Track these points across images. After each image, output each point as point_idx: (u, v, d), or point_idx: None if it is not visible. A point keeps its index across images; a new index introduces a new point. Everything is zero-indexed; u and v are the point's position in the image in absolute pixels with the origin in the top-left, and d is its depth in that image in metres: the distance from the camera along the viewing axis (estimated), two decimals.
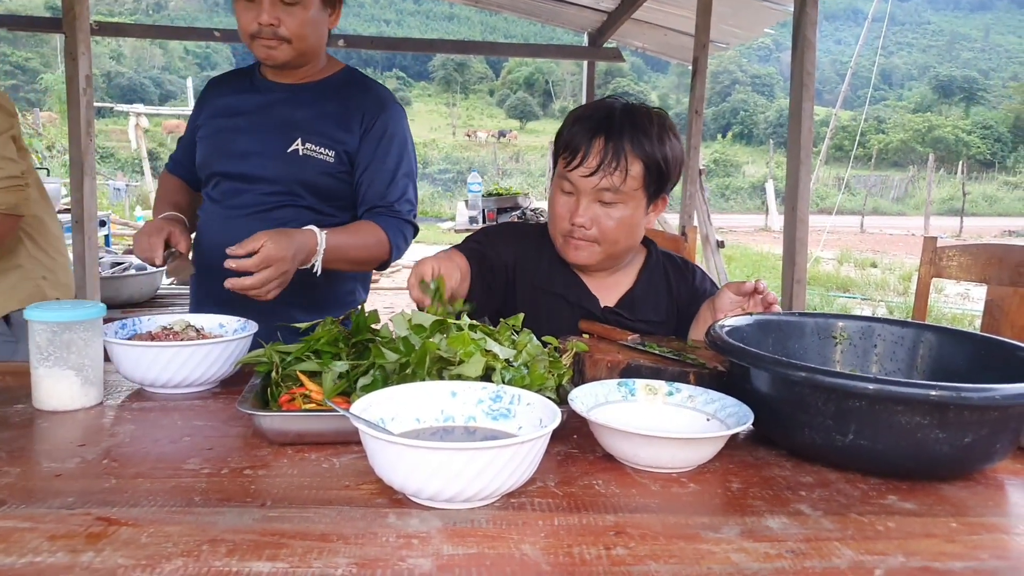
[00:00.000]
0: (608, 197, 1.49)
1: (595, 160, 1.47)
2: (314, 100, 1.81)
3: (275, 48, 1.71)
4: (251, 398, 1.09)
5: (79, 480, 0.94)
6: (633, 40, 6.47)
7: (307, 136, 1.77)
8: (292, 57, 1.75)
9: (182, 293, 4.59)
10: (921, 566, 0.77)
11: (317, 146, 1.77)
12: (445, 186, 24.95)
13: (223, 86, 1.94)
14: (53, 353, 1.19)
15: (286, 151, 1.76)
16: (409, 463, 0.82)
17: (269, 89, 1.84)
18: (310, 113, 1.80)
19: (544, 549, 0.78)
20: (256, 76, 1.87)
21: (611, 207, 1.50)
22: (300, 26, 1.71)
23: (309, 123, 1.78)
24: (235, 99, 1.86)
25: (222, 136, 1.84)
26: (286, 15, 1.69)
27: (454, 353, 1.05)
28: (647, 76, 53.57)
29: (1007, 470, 1.05)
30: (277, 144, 1.77)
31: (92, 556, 0.75)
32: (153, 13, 54.93)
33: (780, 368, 1.01)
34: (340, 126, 1.79)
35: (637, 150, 1.47)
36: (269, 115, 1.80)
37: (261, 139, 1.79)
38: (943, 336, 1.25)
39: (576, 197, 1.51)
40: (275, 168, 1.77)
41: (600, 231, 1.52)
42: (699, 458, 1.00)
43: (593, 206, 1.51)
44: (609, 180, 1.47)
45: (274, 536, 0.79)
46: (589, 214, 1.50)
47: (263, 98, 1.83)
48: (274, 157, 1.77)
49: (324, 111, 1.80)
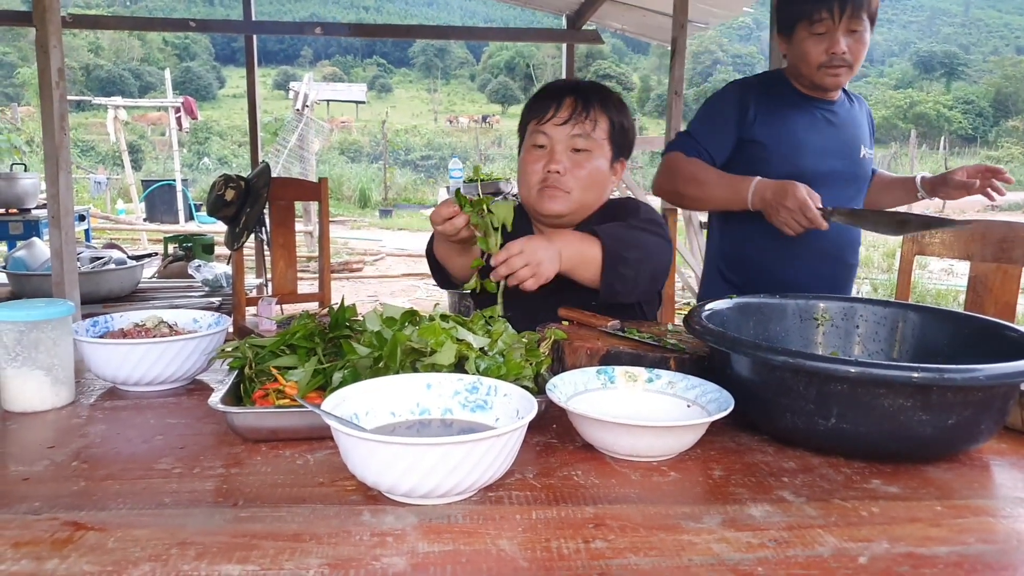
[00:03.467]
0: (580, 144, 1.61)
1: (567, 111, 1.61)
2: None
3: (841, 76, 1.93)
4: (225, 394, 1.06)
5: (47, 484, 0.91)
6: (612, 22, 6.42)
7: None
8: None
9: (163, 287, 4.54)
10: (906, 552, 0.76)
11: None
12: (427, 172, 24.81)
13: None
14: (21, 353, 1.15)
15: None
16: (382, 459, 0.80)
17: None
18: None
19: (521, 544, 0.76)
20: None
21: (582, 155, 1.62)
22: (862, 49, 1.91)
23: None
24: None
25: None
26: (856, 43, 1.89)
27: (425, 344, 1.03)
28: (628, 58, 53.32)
29: (992, 450, 1.05)
30: None
31: (57, 563, 0.72)
32: (131, 4, 54.12)
33: (760, 352, 0.99)
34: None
35: (603, 107, 1.63)
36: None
37: None
38: (925, 315, 1.24)
39: (550, 147, 1.62)
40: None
41: (573, 178, 1.61)
42: (680, 446, 0.98)
43: (567, 154, 1.61)
44: (581, 127, 1.60)
45: (245, 537, 0.77)
46: (564, 160, 1.61)
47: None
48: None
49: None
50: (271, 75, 43.73)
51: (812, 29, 1.88)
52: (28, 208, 5.98)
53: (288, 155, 12.23)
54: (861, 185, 2.12)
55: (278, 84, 40.41)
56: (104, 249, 5.01)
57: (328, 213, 3.33)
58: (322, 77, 39.45)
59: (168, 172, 16.00)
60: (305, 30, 6.47)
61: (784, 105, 2.02)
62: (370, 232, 14.01)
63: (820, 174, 1.96)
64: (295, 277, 3.27)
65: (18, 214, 5.89)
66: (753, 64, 49.36)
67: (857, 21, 1.85)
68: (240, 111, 28.40)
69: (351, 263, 9.78)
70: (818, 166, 1.98)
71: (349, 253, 10.85)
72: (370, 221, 16.09)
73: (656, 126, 29.20)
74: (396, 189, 20.89)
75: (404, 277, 9.05)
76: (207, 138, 29.10)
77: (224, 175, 3.43)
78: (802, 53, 1.92)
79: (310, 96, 12.89)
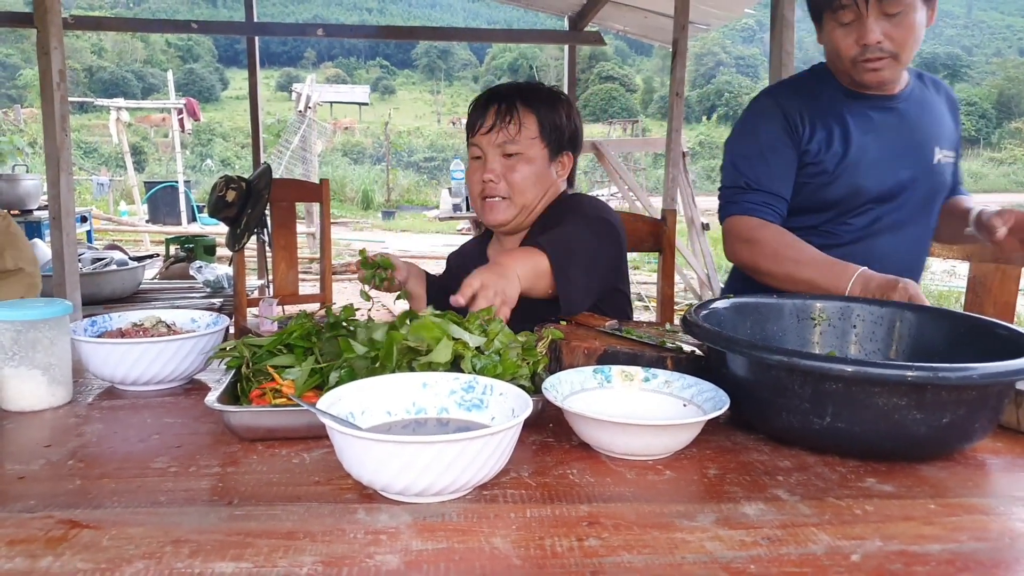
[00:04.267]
0: (510, 149, 1.62)
1: (491, 119, 1.63)
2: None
3: (883, 69, 1.61)
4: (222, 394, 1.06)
5: (43, 482, 0.91)
6: (614, 23, 6.43)
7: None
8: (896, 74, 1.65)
9: (164, 288, 4.55)
10: (899, 550, 0.76)
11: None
12: (430, 174, 24.85)
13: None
14: (18, 353, 1.16)
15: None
16: (377, 458, 0.80)
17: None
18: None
19: (515, 542, 0.76)
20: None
21: (513, 159, 1.63)
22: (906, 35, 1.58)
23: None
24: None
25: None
26: (897, 28, 1.57)
27: (421, 342, 1.03)
28: (631, 59, 53.32)
29: (987, 449, 1.05)
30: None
31: (51, 561, 0.73)
32: (133, 6, 54.25)
33: (756, 351, 0.99)
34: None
35: (527, 105, 1.63)
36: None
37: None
38: (922, 315, 1.24)
39: (483, 159, 1.65)
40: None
41: (508, 184, 1.63)
42: (675, 444, 0.98)
43: (498, 161, 1.63)
44: (506, 132, 1.62)
45: (239, 535, 0.77)
46: (496, 168, 1.63)
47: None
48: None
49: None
50: (274, 77, 43.80)
51: (838, 18, 1.60)
52: (30, 209, 6.00)
53: (291, 157, 12.25)
54: (935, 199, 1.75)
55: (281, 86, 40.47)
56: (106, 250, 5.03)
57: (329, 214, 3.34)
58: (325, 79, 39.51)
59: (171, 174, 16.03)
60: (308, 32, 6.49)
61: (829, 109, 1.70)
62: (373, 234, 14.02)
63: (884, 192, 1.67)
64: (296, 278, 3.28)
65: (20, 215, 5.91)
66: (756, 66, 49.34)
67: (892, 3, 1.54)
68: (243, 113, 28.45)
69: (353, 265, 9.79)
70: (881, 181, 1.67)
71: (351, 255, 10.86)
72: (373, 223, 16.11)
73: (659, 127, 29.21)
74: (399, 191, 20.93)
75: None
76: (210, 140, 29.15)
77: (225, 176, 3.43)
78: (833, 46, 1.64)
79: (313, 98, 12.93)
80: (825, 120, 1.68)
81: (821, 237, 1.70)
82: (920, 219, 1.74)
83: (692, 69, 45.16)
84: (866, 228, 1.70)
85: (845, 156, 1.66)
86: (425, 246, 11.90)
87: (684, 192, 6.66)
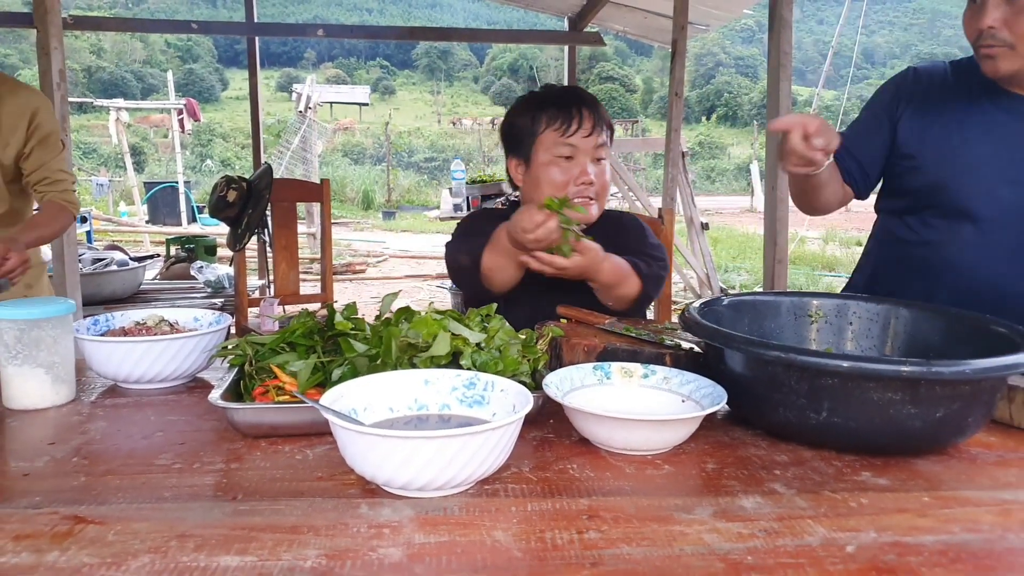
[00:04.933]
0: (602, 153, 1.69)
1: (589, 122, 1.67)
2: None
3: (997, 58, 1.45)
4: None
5: (48, 479, 0.93)
6: (614, 24, 6.44)
7: None
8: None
9: (165, 288, 4.56)
10: (892, 541, 0.77)
11: None
12: (431, 174, 24.85)
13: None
14: (22, 351, 1.17)
15: None
16: (379, 453, 0.81)
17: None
18: None
19: (516, 535, 0.77)
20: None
21: (602, 163, 1.70)
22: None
23: None
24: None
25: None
26: (1019, 15, 1.40)
27: (421, 338, 1.04)
28: (631, 59, 53.35)
29: (980, 443, 1.06)
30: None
31: (57, 555, 0.74)
32: (133, 6, 54.27)
33: (753, 348, 1.00)
34: None
35: (603, 113, 1.71)
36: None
37: None
38: (917, 312, 1.25)
39: (577, 159, 1.67)
40: None
41: (600, 186, 1.70)
42: (673, 439, 1.00)
43: (591, 164, 1.68)
44: (601, 137, 1.68)
45: (244, 530, 0.79)
46: (594, 171, 1.67)
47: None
48: None
49: None
50: (274, 77, 43.81)
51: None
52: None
53: (291, 157, 12.26)
54: None
55: (281, 86, 40.48)
56: (106, 251, 5.04)
57: (330, 214, 3.35)
58: (325, 79, 39.52)
59: (171, 174, 16.04)
60: (308, 32, 6.50)
61: (948, 98, 1.58)
62: (373, 234, 14.03)
63: (974, 198, 1.52)
64: (297, 278, 3.29)
65: None
66: (755, 66, 49.37)
67: None
68: (243, 113, 28.46)
69: (354, 265, 9.81)
70: (971, 186, 1.52)
71: (352, 255, 10.87)
72: (373, 223, 16.12)
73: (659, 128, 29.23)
74: (399, 191, 20.94)
75: (407, 279, 9.08)
76: (210, 140, 29.15)
77: (226, 176, 3.44)
78: (965, 28, 1.49)
79: (313, 98, 12.94)
80: (935, 107, 1.59)
81: (904, 227, 1.66)
82: None
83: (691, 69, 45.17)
84: (951, 233, 1.56)
85: (936, 149, 1.56)
86: (426, 246, 11.91)
87: (683, 192, 6.67)
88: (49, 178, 2.24)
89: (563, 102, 1.69)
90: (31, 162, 2.21)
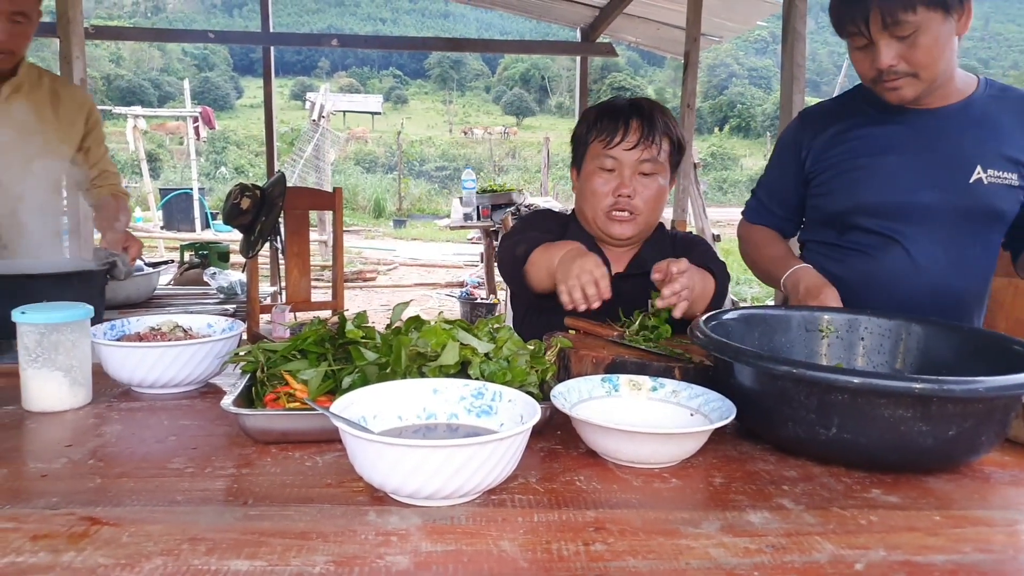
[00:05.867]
0: (648, 168, 1.65)
1: (635, 135, 1.64)
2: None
3: (903, 88, 1.52)
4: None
5: (64, 480, 0.94)
6: (626, 35, 6.47)
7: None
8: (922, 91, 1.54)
9: (178, 294, 4.59)
10: (902, 560, 0.77)
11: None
12: (442, 183, 24.91)
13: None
14: (41, 355, 1.19)
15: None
16: (388, 461, 0.82)
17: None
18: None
19: (522, 545, 0.78)
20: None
21: (650, 178, 1.67)
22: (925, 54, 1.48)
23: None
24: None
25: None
26: (912, 48, 1.47)
27: (430, 347, 1.05)
28: (643, 70, 53.40)
29: (993, 462, 1.05)
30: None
31: (73, 556, 0.75)
32: (151, 16, 54.84)
33: (762, 362, 1.01)
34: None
35: (664, 127, 1.67)
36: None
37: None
38: (929, 328, 1.25)
39: (619, 172, 1.66)
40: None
41: (642, 202, 1.67)
42: (681, 453, 1.00)
43: (635, 178, 1.66)
44: (649, 151, 1.65)
45: (254, 534, 0.79)
46: (634, 185, 1.65)
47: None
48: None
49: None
50: (288, 86, 44.10)
51: (853, 43, 1.53)
52: None
53: (304, 165, 12.34)
54: (981, 222, 1.59)
55: (295, 95, 40.73)
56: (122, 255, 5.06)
57: (342, 222, 3.37)
58: (338, 88, 39.74)
59: (185, 181, 16.16)
60: (322, 42, 6.56)
61: (853, 125, 1.66)
62: (384, 242, 14.09)
63: (893, 210, 1.58)
64: (309, 285, 3.31)
65: None
66: (768, 77, 49.32)
67: (900, 26, 1.45)
68: (257, 121, 28.67)
69: (365, 272, 9.85)
70: (890, 199, 1.58)
71: (363, 262, 10.91)
72: (384, 231, 16.18)
73: None
74: (410, 199, 21.00)
75: (417, 287, 9.10)
76: (224, 147, 29.36)
77: (240, 184, 3.47)
78: (857, 68, 1.58)
79: (326, 107, 13.02)
80: (840, 138, 1.66)
81: (832, 252, 1.70)
82: (961, 244, 1.59)
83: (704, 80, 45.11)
84: (877, 247, 1.62)
85: (851, 172, 1.63)
86: (436, 254, 11.95)
87: (695, 203, 6.67)
88: (107, 170, 2.41)
89: (616, 113, 1.67)
90: (91, 157, 2.35)
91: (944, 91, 1.59)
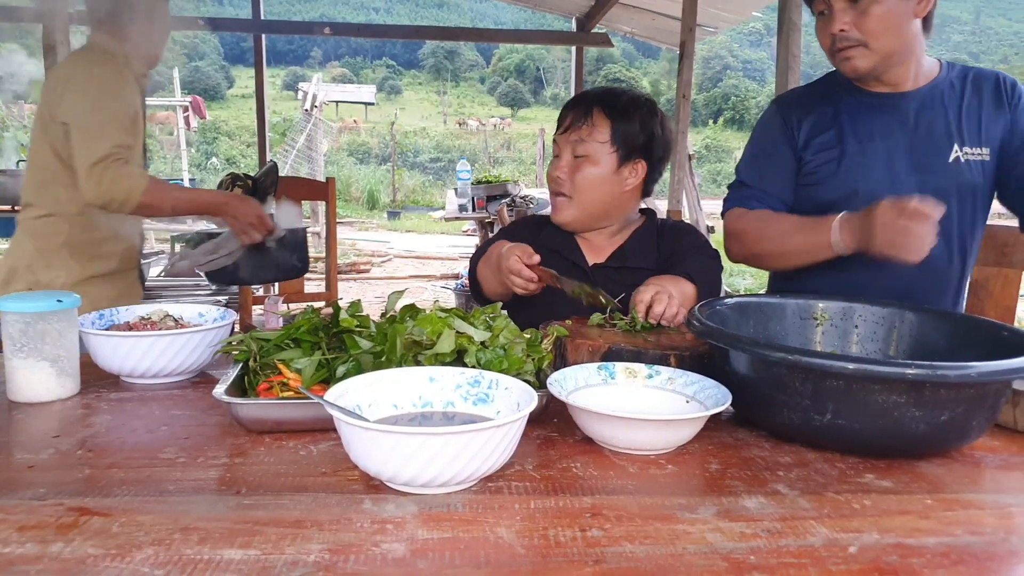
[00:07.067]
0: (580, 150, 1.68)
1: (570, 120, 1.71)
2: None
3: (854, 58, 1.57)
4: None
5: (52, 471, 0.93)
6: (622, 25, 6.45)
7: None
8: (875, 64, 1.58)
9: (170, 285, 4.57)
10: (895, 542, 0.77)
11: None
12: (436, 175, 24.85)
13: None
14: (27, 344, 1.17)
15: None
16: (384, 449, 0.81)
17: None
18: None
19: (519, 532, 0.78)
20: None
21: (580, 160, 1.69)
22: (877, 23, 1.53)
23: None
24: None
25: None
26: (863, 16, 1.53)
27: (425, 335, 1.04)
28: (638, 62, 53.27)
29: (984, 447, 1.06)
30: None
31: (62, 546, 0.74)
32: None
33: (757, 349, 1.00)
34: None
35: (604, 110, 1.68)
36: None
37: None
38: (922, 315, 1.25)
39: (560, 156, 1.73)
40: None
41: (571, 183, 1.70)
42: (677, 439, 1.00)
43: (569, 160, 1.70)
44: (577, 133, 1.69)
45: (247, 523, 0.79)
46: (565, 166, 1.70)
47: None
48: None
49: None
50: (280, 75, 43.85)
51: (815, 8, 1.60)
52: None
53: (296, 155, 12.28)
54: (959, 199, 1.63)
55: (287, 84, 40.52)
56: None
57: (335, 213, 3.35)
58: (331, 78, 39.57)
59: (176, 171, 16.05)
60: (314, 30, 6.52)
61: (830, 112, 1.69)
62: (378, 234, 14.05)
63: (882, 194, 1.53)
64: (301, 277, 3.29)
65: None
66: (763, 69, 49.35)
67: None
68: (248, 111, 28.48)
69: (358, 264, 9.82)
70: (879, 183, 1.61)
71: (357, 254, 10.88)
72: (378, 223, 16.13)
73: None
74: (404, 191, 20.94)
75: (411, 279, 9.09)
76: (215, 138, 29.18)
77: (231, 173, 3.44)
78: (818, 37, 1.63)
79: (319, 97, 12.96)
80: (824, 123, 1.69)
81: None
82: (946, 223, 1.53)
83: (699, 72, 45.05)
84: None
85: (841, 159, 1.65)
86: (431, 246, 11.92)
87: (690, 195, 6.67)
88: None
89: (567, 104, 1.77)
90: None
91: (912, 73, 1.64)
